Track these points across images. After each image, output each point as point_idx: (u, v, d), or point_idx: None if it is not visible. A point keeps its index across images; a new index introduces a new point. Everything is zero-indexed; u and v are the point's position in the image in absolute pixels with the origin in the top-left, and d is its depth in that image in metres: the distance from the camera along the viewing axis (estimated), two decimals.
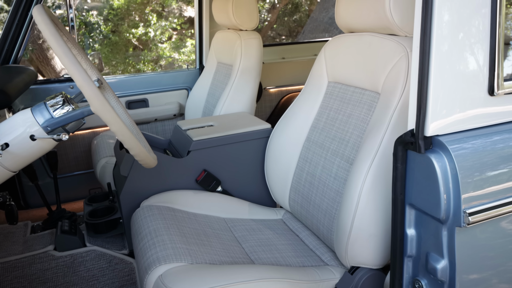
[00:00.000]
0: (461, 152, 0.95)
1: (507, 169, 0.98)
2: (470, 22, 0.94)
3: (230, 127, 1.73)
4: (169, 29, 8.14)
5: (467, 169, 0.94)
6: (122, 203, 1.55)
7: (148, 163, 1.11)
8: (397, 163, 1.01)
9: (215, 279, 1.08)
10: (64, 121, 1.03)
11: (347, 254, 1.22)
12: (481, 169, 0.95)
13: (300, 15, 9.65)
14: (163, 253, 1.18)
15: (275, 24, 9.28)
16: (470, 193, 0.94)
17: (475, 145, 0.97)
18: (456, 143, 0.96)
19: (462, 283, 0.99)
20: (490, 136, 0.99)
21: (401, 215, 1.04)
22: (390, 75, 1.22)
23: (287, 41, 9.40)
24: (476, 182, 0.95)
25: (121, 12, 7.75)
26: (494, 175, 0.97)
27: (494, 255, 1.04)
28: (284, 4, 9.20)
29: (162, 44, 8.14)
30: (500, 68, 0.98)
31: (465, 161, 0.94)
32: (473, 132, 0.99)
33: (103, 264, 1.59)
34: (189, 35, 8.40)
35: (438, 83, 0.93)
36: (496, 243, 1.03)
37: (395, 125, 1.17)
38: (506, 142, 0.99)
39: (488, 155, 0.97)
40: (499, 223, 1.01)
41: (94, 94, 0.91)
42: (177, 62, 8.15)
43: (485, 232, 0.99)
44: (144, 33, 7.79)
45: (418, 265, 1.06)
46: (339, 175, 1.34)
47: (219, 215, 1.57)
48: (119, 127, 0.96)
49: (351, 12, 1.36)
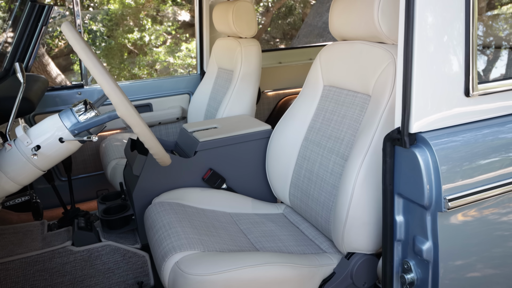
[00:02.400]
0: (441, 147, 1.08)
1: (481, 162, 1.11)
2: (445, 30, 1.08)
3: (233, 128, 1.86)
4: (163, 34, 8.22)
5: (447, 161, 1.07)
6: (135, 200, 1.67)
7: (164, 161, 1.23)
8: (386, 158, 1.15)
9: (226, 263, 1.20)
10: (91, 124, 1.16)
11: (343, 241, 1.35)
12: (459, 162, 1.09)
13: (294, 18, 9.80)
14: (177, 242, 1.31)
15: (269, 27, 9.41)
16: (449, 182, 1.07)
17: (453, 140, 1.10)
18: (437, 139, 1.09)
19: (445, 262, 1.12)
20: (467, 133, 1.12)
21: (391, 203, 1.17)
22: (379, 79, 1.35)
23: (281, 43, 9.55)
24: (454, 172, 1.08)
25: (115, 17, 7.83)
26: (470, 166, 1.10)
27: (478, 241, 1.16)
28: (278, 7, 9.35)
29: (157, 48, 8.22)
30: (474, 71, 1.12)
31: (445, 155, 1.08)
32: (452, 129, 1.12)
33: (117, 258, 1.71)
34: (183, 39, 8.50)
35: (420, 86, 1.07)
36: (480, 231, 1.16)
37: (384, 124, 1.30)
38: (480, 138, 1.12)
39: (465, 149, 1.10)
40: (479, 210, 1.14)
41: (120, 101, 1.04)
42: (172, 66, 8.24)
43: (465, 216, 1.12)
44: (139, 38, 7.86)
45: (407, 248, 1.19)
46: (335, 170, 1.47)
47: (225, 210, 1.70)
48: (141, 129, 1.09)
49: (344, 22, 1.49)
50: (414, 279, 1.17)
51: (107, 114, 1.15)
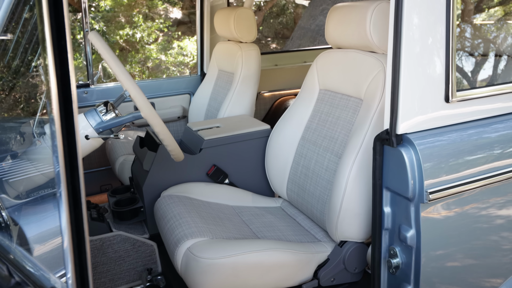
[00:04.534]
0: (424, 147, 1.23)
1: (459, 160, 1.27)
2: (428, 38, 1.23)
3: (235, 128, 2.00)
4: (155, 31, 8.25)
5: (429, 159, 1.23)
6: (145, 193, 1.81)
7: (179, 157, 1.37)
8: (376, 155, 1.30)
9: (233, 248, 1.35)
10: (116, 123, 1.29)
11: (336, 231, 1.50)
12: (439, 160, 1.25)
13: (286, 18, 9.94)
14: (188, 230, 1.45)
15: (261, 26, 9.55)
16: (430, 177, 1.23)
17: (435, 141, 1.26)
18: (420, 139, 1.24)
19: (427, 252, 1.27)
20: (447, 134, 1.28)
21: (380, 196, 1.32)
22: (371, 85, 1.51)
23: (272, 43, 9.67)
24: (435, 169, 1.24)
25: (106, 15, 7.84)
26: (449, 164, 1.26)
27: (457, 232, 1.32)
28: (270, 7, 9.48)
29: (149, 46, 8.23)
30: (453, 80, 1.27)
31: (427, 153, 1.23)
32: (434, 131, 1.28)
33: (128, 247, 1.84)
34: (175, 37, 8.56)
35: (406, 93, 1.22)
36: (458, 221, 1.31)
37: (374, 126, 1.46)
38: (458, 139, 1.28)
39: (445, 149, 1.26)
40: (457, 202, 1.29)
41: (145, 103, 1.18)
42: (164, 64, 8.28)
43: (444, 208, 1.28)
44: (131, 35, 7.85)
45: (393, 236, 1.34)
46: (329, 167, 1.62)
47: (228, 203, 1.84)
48: (162, 128, 1.23)
49: (339, 32, 1.64)
50: (399, 263, 1.33)
51: (132, 114, 1.28)
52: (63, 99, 0.47)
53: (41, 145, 1.29)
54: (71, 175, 0.50)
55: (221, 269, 1.31)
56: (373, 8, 1.46)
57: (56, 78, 0.46)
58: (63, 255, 0.54)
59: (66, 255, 0.53)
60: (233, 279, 1.33)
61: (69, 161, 0.50)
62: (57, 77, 0.46)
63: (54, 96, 0.46)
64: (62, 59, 0.46)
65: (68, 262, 0.54)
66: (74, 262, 0.53)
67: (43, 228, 1.07)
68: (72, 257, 0.53)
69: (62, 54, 0.46)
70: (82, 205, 0.54)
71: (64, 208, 0.51)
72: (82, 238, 0.54)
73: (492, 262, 1.40)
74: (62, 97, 0.46)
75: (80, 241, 0.54)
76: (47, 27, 0.45)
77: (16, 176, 1.26)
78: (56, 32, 0.45)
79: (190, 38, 8.36)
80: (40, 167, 1.30)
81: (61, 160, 0.50)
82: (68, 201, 0.51)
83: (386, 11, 1.46)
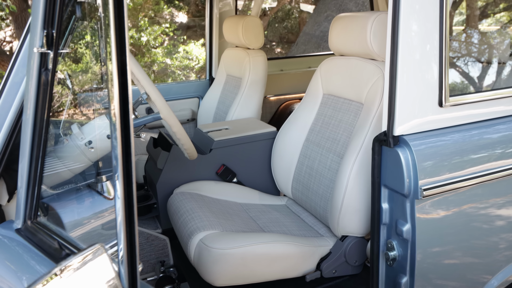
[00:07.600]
0: (419, 148, 1.34)
1: (451, 160, 1.38)
2: (423, 47, 1.34)
3: (243, 130, 2.12)
4: (161, 35, 8.36)
5: (423, 159, 1.33)
6: (158, 190, 1.93)
7: (193, 155, 1.49)
8: (374, 155, 1.40)
9: (242, 240, 1.46)
10: (138, 124, 1.41)
11: (338, 226, 1.61)
12: (433, 159, 1.35)
13: (291, 22, 10.06)
14: (201, 223, 1.56)
15: (266, 31, 9.67)
16: (424, 175, 1.33)
17: (429, 142, 1.36)
18: (416, 141, 1.35)
19: (423, 248, 1.36)
20: (440, 136, 1.39)
21: (378, 193, 1.42)
22: (371, 90, 1.62)
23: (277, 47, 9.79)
24: (429, 168, 1.34)
25: None
26: (442, 163, 1.36)
27: (451, 226, 1.42)
28: (275, 11, 9.61)
29: (155, 49, 8.33)
30: (446, 86, 1.38)
31: (422, 154, 1.33)
32: (428, 133, 1.38)
33: (141, 240, 1.96)
34: (181, 41, 8.67)
35: (403, 97, 1.33)
36: (453, 218, 1.41)
37: (374, 128, 1.56)
38: (451, 141, 1.39)
39: (438, 149, 1.36)
40: (449, 199, 1.39)
41: (164, 105, 1.29)
42: (170, 68, 8.38)
43: (437, 203, 1.38)
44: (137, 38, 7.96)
45: (391, 230, 1.45)
46: (332, 167, 1.74)
47: (236, 201, 1.95)
48: (179, 128, 1.34)
49: (341, 40, 1.76)
50: (396, 255, 1.43)
51: (152, 115, 1.40)
52: (123, 101, 0.58)
53: (68, 143, 1.41)
54: (126, 160, 0.62)
55: (231, 259, 1.42)
56: (373, 18, 1.57)
57: (119, 85, 0.57)
58: (116, 228, 0.64)
59: (120, 228, 0.64)
60: (242, 268, 1.44)
61: (125, 148, 0.61)
62: (119, 84, 0.57)
63: (116, 99, 0.58)
64: (123, 70, 0.57)
65: (121, 234, 0.64)
66: (126, 234, 0.64)
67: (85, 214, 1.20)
68: (125, 229, 0.64)
69: (123, 66, 0.57)
70: (132, 184, 0.65)
71: (119, 187, 0.62)
72: (132, 214, 0.65)
73: (483, 256, 1.50)
74: (122, 100, 0.58)
75: (131, 216, 0.64)
76: (113, 45, 0.56)
77: (55, 170, 1.37)
78: (120, 49, 0.57)
79: (196, 42, 8.48)
80: (67, 164, 1.42)
81: (119, 147, 0.61)
82: (123, 181, 0.62)
83: (385, 22, 1.57)
